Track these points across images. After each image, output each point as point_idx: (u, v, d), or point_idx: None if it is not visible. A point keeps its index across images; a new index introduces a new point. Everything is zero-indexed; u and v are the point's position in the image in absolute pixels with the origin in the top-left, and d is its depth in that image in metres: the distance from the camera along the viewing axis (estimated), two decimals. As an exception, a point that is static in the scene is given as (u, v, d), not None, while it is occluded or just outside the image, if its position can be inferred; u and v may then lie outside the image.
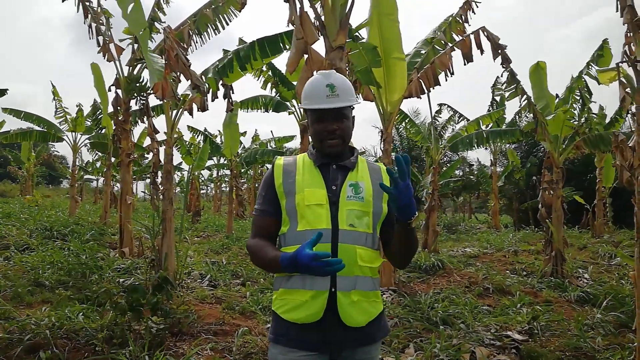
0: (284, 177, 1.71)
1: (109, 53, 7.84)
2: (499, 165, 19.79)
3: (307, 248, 1.42)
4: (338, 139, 1.69)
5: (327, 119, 1.68)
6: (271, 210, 1.71)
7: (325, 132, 1.68)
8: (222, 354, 3.75)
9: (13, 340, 3.49)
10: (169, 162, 6.25)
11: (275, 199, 1.70)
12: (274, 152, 15.17)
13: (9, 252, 6.82)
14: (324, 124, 1.68)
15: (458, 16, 7.20)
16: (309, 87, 1.73)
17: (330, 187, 1.66)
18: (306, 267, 1.41)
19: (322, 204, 1.62)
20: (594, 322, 4.64)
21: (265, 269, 1.76)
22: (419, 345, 4.02)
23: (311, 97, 1.70)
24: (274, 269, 1.62)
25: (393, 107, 6.54)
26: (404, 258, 1.73)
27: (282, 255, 1.53)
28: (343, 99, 1.69)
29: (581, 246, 10.89)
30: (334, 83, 1.69)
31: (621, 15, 3.60)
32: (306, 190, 1.65)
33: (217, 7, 6.88)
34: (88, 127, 14.69)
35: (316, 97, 1.69)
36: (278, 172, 1.73)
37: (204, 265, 7.18)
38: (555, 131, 7.25)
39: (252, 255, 1.71)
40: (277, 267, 1.55)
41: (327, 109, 1.67)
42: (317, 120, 1.70)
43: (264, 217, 1.72)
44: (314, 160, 1.73)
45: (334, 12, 4.98)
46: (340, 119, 1.69)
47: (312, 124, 1.72)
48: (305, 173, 1.70)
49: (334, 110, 1.68)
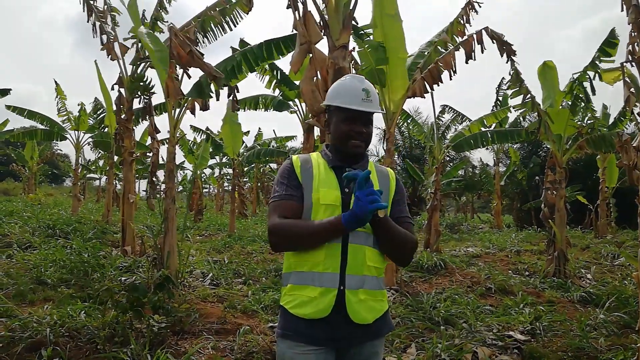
0: (302, 171, 1.73)
1: (112, 52, 7.86)
2: (501, 165, 19.76)
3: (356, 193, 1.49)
4: (363, 142, 1.73)
5: (358, 121, 1.71)
6: (297, 195, 1.69)
7: (353, 132, 1.71)
8: (224, 352, 3.74)
9: (15, 338, 3.50)
10: (172, 160, 6.26)
11: (299, 185, 1.70)
12: (277, 152, 15.17)
13: (12, 250, 6.84)
14: (354, 126, 1.71)
15: (460, 17, 7.18)
16: (342, 87, 1.75)
17: (344, 189, 1.69)
18: (367, 204, 1.46)
19: (336, 205, 1.65)
20: (596, 322, 4.62)
21: (302, 242, 1.62)
22: (421, 345, 4.01)
23: (346, 96, 1.72)
24: (321, 235, 1.59)
25: (396, 106, 6.53)
26: (393, 253, 1.73)
27: (341, 216, 1.54)
28: (375, 105, 1.74)
29: (584, 246, 10.87)
30: (368, 89, 1.73)
31: (627, 15, 3.58)
32: (321, 190, 1.67)
33: (224, 9, 6.88)
34: (91, 126, 14.73)
35: (352, 98, 1.71)
36: (297, 165, 1.75)
37: (206, 264, 7.19)
38: (558, 131, 7.23)
39: (284, 228, 1.62)
40: (330, 231, 1.56)
41: (361, 112, 1.71)
42: (347, 121, 1.72)
43: (289, 201, 1.68)
44: (327, 161, 1.76)
45: (337, 11, 4.98)
46: (368, 123, 1.74)
47: (340, 123, 1.73)
48: (321, 172, 1.73)
49: (366, 114, 1.72)
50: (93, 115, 14.65)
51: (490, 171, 22.12)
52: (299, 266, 1.66)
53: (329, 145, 1.83)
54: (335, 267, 1.61)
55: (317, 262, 1.61)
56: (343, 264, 1.61)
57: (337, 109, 1.74)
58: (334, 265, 1.61)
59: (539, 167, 17.06)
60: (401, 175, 19.97)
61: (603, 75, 6.77)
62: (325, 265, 1.61)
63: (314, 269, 1.62)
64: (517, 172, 18.43)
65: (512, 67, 6.71)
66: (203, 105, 6.32)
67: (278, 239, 1.64)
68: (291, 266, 1.69)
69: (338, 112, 1.74)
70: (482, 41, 6.40)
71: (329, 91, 1.80)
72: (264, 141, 19.42)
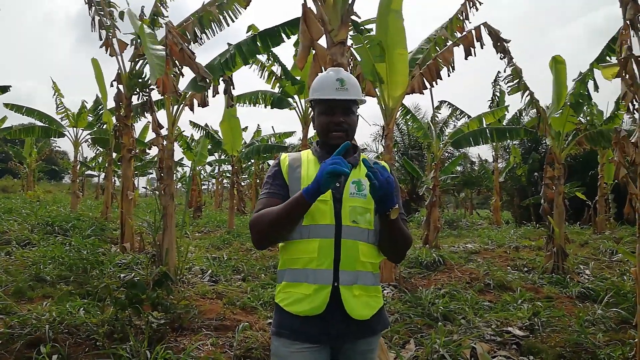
0: (289, 171, 1.73)
1: (111, 48, 7.82)
2: (500, 161, 19.75)
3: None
4: (344, 132, 1.71)
5: (335, 112, 1.70)
6: (282, 194, 1.69)
7: (332, 123, 1.70)
8: (223, 349, 3.75)
9: (14, 334, 3.50)
10: (170, 157, 6.25)
11: (285, 185, 1.71)
12: (276, 148, 15.13)
13: (11, 247, 6.84)
14: (331, 117, 1.71)
15: (459, 13, 7.16)
16: (318, 80, 1.77)
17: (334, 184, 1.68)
18: (329, 170, 1.46)
19: (326, 200, 1.63)
20: (594, 318, 4.63)
21: (274, 227, 1.59)
22: (419, 340, 4.02)
23: (320, 88, 1.73)
24: (287, 212, 1.57)
25: (395, 103, 6.51)
26: (393, 251, 1.73)
27: (303, 189, 1.53)
28: (352, 93, 1.72)
29: (582, 242, 10.87)
30: (343, 78, 1.72)
31: (623, 11, 3.57)
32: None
33: (222, 4, 6.86)
34: (89, 123, 14.70)
35: (326, 89, 1.72)
36: (284, 165, 1.75)
37: (205, 261, 7.19)
38: (557, 127, 7.23)
39: (258, 219, 1.62)
40: (296, 207, 1.54)
41: (336, 101, 1.70)
42: (325, 112, 1.72)
43: (274, 198, 1.68)
44: (318, 157, 1.75)
45: (335, 6, 4.95)
46: (348, 113, 1.72)
47: (319, 115, 1.74)
48: (310, 169, 1.72)
49: (342, 103, 1.71)
50: (94, 112, 14.61)
51: (489, 167, 22.13)
52: (292, 263, 1.66)
53: (318, 140, 1.83)
54: (329, 264, 1.60)
55: (311, 259, 1.61)
56: (337, 260, 1.61)
57: (316, 103, 1.76)
58: (328, 262, 1.60)
59: (538, 164, 17.05)
60: (400, 172, 19.95)
61: (602, 71, 6.75)
62: (319, 261, 1.61)
63: (307, 266, 1.62)
64: (517, 169, 18.42)
65: (509, 64, 6.69)
66: (202, 102, 6.31)
67: (256, 232, 1.64)
68: (285, 263, 1.69)
69: (317, 106, 1.75)
70: (480, 37, 6.38)
71: (311, 86, 1.81)
72: (263, 137, 19.37)
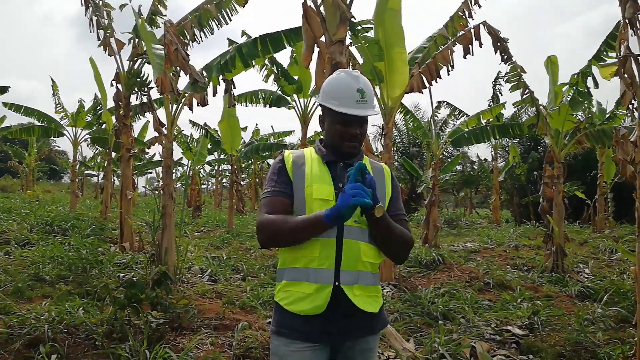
0: (294, 168, 1.72)
1: (109, 47, 7.80)
2: (499, 160, 19.75)
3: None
4: (358, 142, 1.72)
5: (353, 124, 1.69)
6: (287, 192, 1.68)
7: (347, 134, 1.69)
8: (222, 348, 3.75)
9: (13, 334, 3.49)
10: (169, 157, 6.24)
11: (289, 182, 1.70)
12: (275, 146, 15.12)
13: (10, 247, 6.83)
14: (349, 128, 1.69)
15: (460, 11, 7.15)
16: (336, 88, 1.71)
17: (337, 184, 1.68)
18: (349, 197, 1.45)
19: (329, 200, 1.63)
20: (594, 317, 4.63)
21: (286, 238, 1.61)
22: (419, 339, 4.02)
23: (340, 99, 1.68)
24: (304, 231, 1.57)
25: (394, 102, 6.51)
26: (389, 250, 1.72)
27: (324, 211, 1.52)
28: (371, 106, 1.71)
29: (582, 241, 10.88)
30: (363, 89, 1.69)
31: (622, 10, 3.56)
32: (314, 185, 1.66)
33: (219, 2, 6.85)
34: (88, 122, 14.69)
35: (346, 100, 1.67)
36: (288, 161, 1.74)
37: (205, 260, 7.19)
38: (557, 126, 7.22)
39: (270, 225, 1.60)
40: (312, 226, 1.55)
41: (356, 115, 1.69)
42: (342, 122, 1.69)
43: (279, 197, 1.67)
44: (321, 157, 1.75)
45: (334, 5, 4.95)
46: (363, 124, 1.73)
47: (335, 124, 1.71)
48: (314, 167, 1.71)
49: (361, 116, 1.69)
50: (92, 112, 14.59)
51: (489, 166, 22.12)
52: (293, 262, 1.65)
53: (323, 140, 1.81)
54: (330, 263, 1.60)
55: (312, 258, 1.60)
56: (338, 260, 1.60)
57: (333, 111, 1.70)
58: (329, 261, 1.60)
59: (537, 163, 17.06)
60: (399, 171, 19.96)
61: (600, 70, 6.75)
62: (320, 261, 1.60)
63: (309, 265, 1.61)
64: (516, 168, 18.43)
65: (509, 63, 6.69)
66: (201, 101, 6.29)
67: (264, 235, 1.64)
68: (285, 262, 1.68)
69: (333, 113, 1.71)
70: (479, 36, 6.38)
71: (323, 87, 1.76)
72: (262, 136, 19.36)
